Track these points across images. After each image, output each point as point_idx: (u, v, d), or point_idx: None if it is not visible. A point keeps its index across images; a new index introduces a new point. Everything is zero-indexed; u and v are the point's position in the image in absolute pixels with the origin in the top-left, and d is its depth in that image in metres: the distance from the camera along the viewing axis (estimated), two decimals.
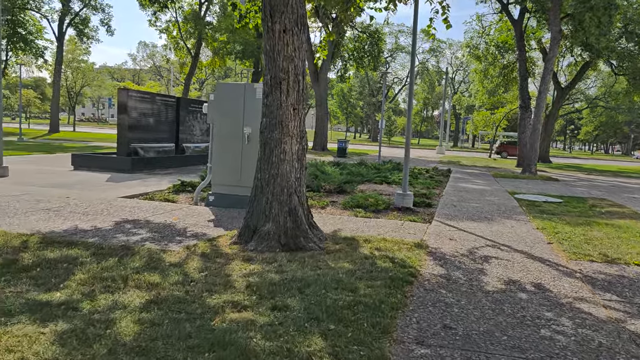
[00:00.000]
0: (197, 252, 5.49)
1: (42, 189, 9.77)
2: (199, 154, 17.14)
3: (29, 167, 13.88)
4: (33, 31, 39.14)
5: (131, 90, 14.32)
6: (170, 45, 43.06)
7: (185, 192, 10.41)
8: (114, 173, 13.09)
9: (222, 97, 8.79)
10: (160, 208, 8.36)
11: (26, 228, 6.27)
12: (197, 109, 17.30)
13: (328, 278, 4.64)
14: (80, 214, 7.45)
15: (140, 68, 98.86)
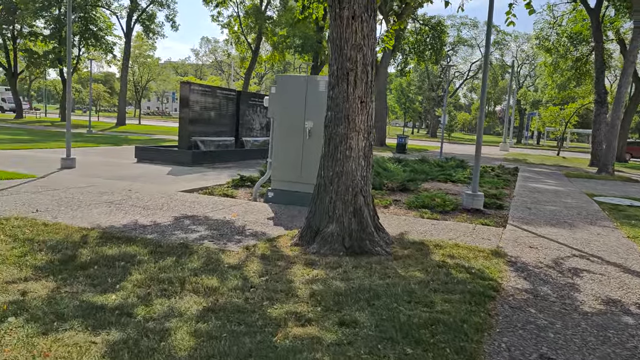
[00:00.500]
0: (256, 253, 5.19)
1: (106, 181, 9.86)
2: (258, 148, 17.04)
3: (96, 158, 14.20)
4: (103, 27, 40.70)
5: (193, 84, 14.35)
6: (232, 40, 43.59)
7: (244, 187, 10.22)
8: (175, 166, 13.15)
9: (284, 90, 8.49)
10: (220, 203, 8.17)
11: (87, 222, 6.20)
12: (257, 102, 17.19)
13: (399, 289, 4.20)
14: (140, 207, 7.36)
15: (203, 63, 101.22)
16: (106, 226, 6.03)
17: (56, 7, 38.22)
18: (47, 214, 6.56)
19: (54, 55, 39.52)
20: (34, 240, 5.16)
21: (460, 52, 78.76)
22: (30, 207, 6.96)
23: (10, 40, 41.22)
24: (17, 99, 44.63)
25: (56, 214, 6.60)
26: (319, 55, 37.15)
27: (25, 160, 12.54)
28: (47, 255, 4.67)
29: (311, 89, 8.26)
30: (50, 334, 3.07)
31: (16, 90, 44.92)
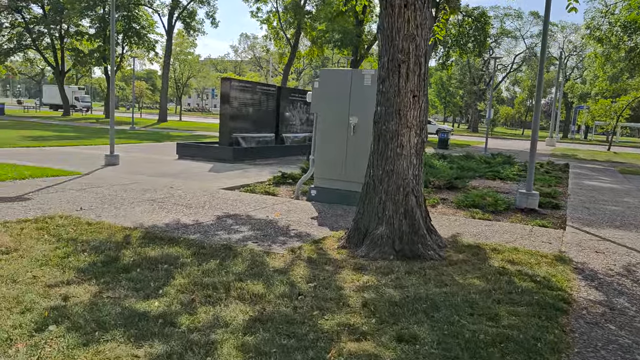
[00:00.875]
0: (302, 256, 4.94)
1: (149, 178, 9.84)
2: (299, 144, 16.85)
3: (138, 155, 14.32)
4: (145, 25, 41.43)
5: (233, 80, 14.26)
6: (271, 35, 43.62)
7: (285, 185, 10.02)
8: (216, 163, 13.09)
9: (327, 84, 8.20)
10: (262, 202, 7.98)
11: (130, 221, 6.10)
12: (297, 98, 16.99)
13: (459, 299, 3.86)
14: (183, 206, 7.24)
15: (241, 59, 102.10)
16: (149, 225, 5.91)
17: (101, 7, 39.12)
18: (91, 212, 6.50)
19: (99, 54, 40.52)
20: (77, 240, 5.07)
21: (503, 44, 76.16)
22: (74, 205, 6.93)
23: (57, 40, 42.51)
24: (64, 97, 46.02)
25: (100, 212, 6.54)
26: (359, 50, 36.71)
27: (70, 157, 12.73)
28: (90, 257, 4.56)
29: (356, 82, 7.95)
30: (92, 345, 2.90)
31: (63, 88, 46.34)
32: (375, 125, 5.36)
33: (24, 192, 7.68)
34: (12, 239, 4.99)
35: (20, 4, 40.42)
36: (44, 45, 43.35)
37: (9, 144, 15.47)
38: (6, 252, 4.59)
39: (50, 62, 44.35)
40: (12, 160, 11.49)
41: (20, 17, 41.68)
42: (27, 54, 48.45)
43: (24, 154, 13.08)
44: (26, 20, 41.72)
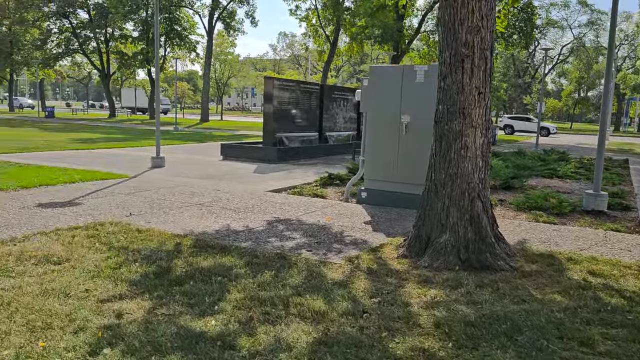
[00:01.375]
0: (361, 266, 4.63)
1: (195, 181, 9.75)
2: (342, 143, 16.55)
3: (183, 156, 14.34)
4: (187, 27, 41.98)
5: (277, 79, 14.08)
6: (310, 33, 43.46)
7: (333, 186, 9.74)
8: (260, 163, 12.94)
9: (377, 82, 7.86)
10: (311, 205, 7.72)
11: (180, 227, 5.95)
12: (340, 96, 16.69)
13: (542, 318, 3.47)
14: (231, 210, 7.06)
15: (280, 58, 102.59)
16: (199, 232, 5.73)
17: (144, 10, 39.87)
18: (140, 217, 6.40)
19: (143, 56, 41.35)
20: (128, 249, 4.93)
21: (549, 35, 73.46)
22: (123, 210, 6.85)
23: (103, 44, 43.64)
24: (110, 99, 47.24)
25: (149, 217, 6.43)
26: (399, 45, 36.03)
27: (118, 160, 12.84)
28: (142, 267, 4.39)
29: (407, 79, 7.58)
30: None
31: (109, 91, 47.58)
32: (436, 125, 4.99)
33: (74, 197, 7.68)
34: (64, 247, 4.89)
35: (68, 10, 41.66)
36: (91, 49, 44.59)
37: (59, 147, 15.80)
38: (58, 262, 4.48)
39: (96, 66, 45.59)
40: (62, 163, 11.66)
41: (68, 22, 42.98)
42: (74, 58, 50.00)
43: (73, 156, 13.29)
44: (73, 25, 43.01)
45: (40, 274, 4.15)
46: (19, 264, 4.38)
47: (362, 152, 8.25)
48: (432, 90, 7.41)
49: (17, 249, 4.79)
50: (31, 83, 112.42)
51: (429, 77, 7.41)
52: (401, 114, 7.62)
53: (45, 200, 7.33)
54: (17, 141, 17.34)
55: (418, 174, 7.57)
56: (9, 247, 4.83)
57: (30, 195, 7.74)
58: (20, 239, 5.15)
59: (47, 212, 6.53)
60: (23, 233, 5.42)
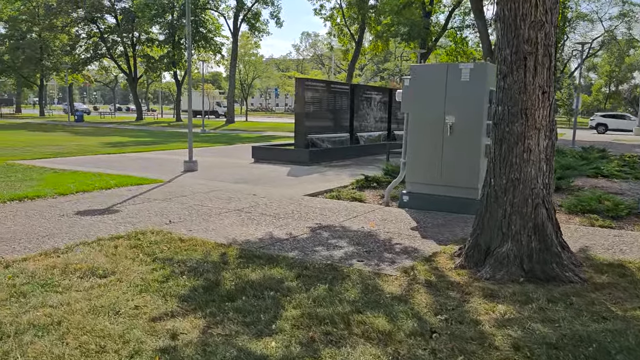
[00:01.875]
0: (418, 278, 4.37)
1: (229, 185, 9.60)
2: (373, 143, 16.25)
3: (214, 159, 14.25)
4: (212, 29, 42.16)
5: (308, 80, 13.88)
6: (334, 32, 43.22)
7: (370, 189, 9.48)
8: (293, 165, 12.74)
9: (419, 81, 7.57)
10: (351, 209, 7.48)
11: (222, 236, 5.77)
12: (371, 95, 16.40)
13: (631, 339, 3.16)
14: (271, 216, 6.86)
15: (303, 58, 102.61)
16: (242, 241, 5.55)
17: (169, 13, 40.19)
18: (181, 225, 6.24)
19: (169, 59, 41.67)
20: (173, 260, 4.77)
21: (578, 28, 71.55)
22: (162, 217, 6.72)
23: (130, 48, 44.15)
24: (137, 102, 47.79)
25: (189, 225, 6.28)
26: (426, 42, 35.49)
27: (150, 164, 12.81)
28: (190, 281, 4.21)
29: (452, 78, 7.27)
30: None
31: (136, 94, 48.14)
32: (495, 128, 4.69)
33: (112, 204, 7.59)
34: (108, 259, 4.75)
35: (96, 15, 42.27)
36: (118, 53, 45.16)
37: (91, 151, 15.90)
38: (104, 275, 4.33)
39: (123, 69, 46.16)
40: (96, 168, 11.66)
41: (96, 27, 43.62)
42: (102, 63, 50.74)
43: (106, 161, 13.32)
44: (101, 30, 43.63)
45: (87, 289, 4.00)
46: (65, 278, 4.24)
47: (403, 154, 7.97)
48: (478, 89, 7.14)
49: (61, 261, 4.66)
50: (60, 88, 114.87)
51: (475, 76, 7.10)
52: (445, 114, 7.32)
53: (83, 208, 7.26)
54: (51, 146, 17.54)
55: (463, 176, 7.29)
56: (53, 259, 4.71)
57: (68, 202, 7.68)
58: (63, 250, 5.03)
59: (86, 220, 6.43)
60: (65, 244, 5.30)
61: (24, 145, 17.73)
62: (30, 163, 12.51)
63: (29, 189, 8.53)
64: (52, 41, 50.29)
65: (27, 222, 6.31)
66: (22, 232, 5.77)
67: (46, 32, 47.66)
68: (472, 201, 7.24)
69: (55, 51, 51.64)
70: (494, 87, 7.31)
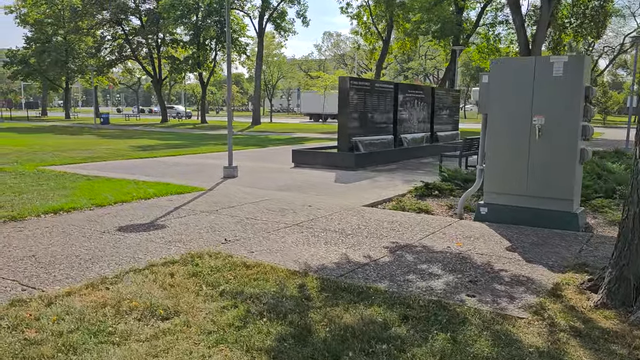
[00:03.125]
0: (558, 323, 3.47)
1: (276, 194, 8.80)
2: (416, 145, 15.31)
3: (251, 164, 13.48)
4: (237, 29, 41.58)
5: (352, 79, 13.01)
6: (361, 31, 42.29)
7: (432, 198, 8.60)
8: (337, 170, 11.88)
9: (500, 77, 6.65)
10: (424, 224, 6.59)
11: (291, 259, 4.94)
12: (414, 95, 15.47)
13: None
14: (337, 232, 6.02)
15: (325, 58, 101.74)
16: (317, 266, 4.71)
17: (194, 14, 39.73)
18: (239, 245, 5.44)
19: (193, 60, 41.21)
20: (244, 294, 3.95)
21: (609, 25, 69.19)
22: (214, 233, 5.94)
23: (154, 49, 43.84)
24: (162, 104, 47.52)
25: (249, 244, 5.47)
26: (459, 39, 34.30)
27: (186, 169, 12.10)
28: (273, 325, 3.39)
29: (541, 73, 6.33)
30: None
31: (161, 96, 47.86)
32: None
33: (155, 217, 6.84)
34: (166, 293, 3.96)
35: (121, 17, 42.07)
36: (143, 55, 44.92)
37: (122, 155, 15.29)
38: (166, 316, 3.54)
39: (148, 71, 45.91)
40: (130, 174, 10.98)
41: (121, 29, 43.43)
42: (126, 65, 50.62)
43: (140, 166, 12.65)
44: (126, 32, 43.41)
45: (149, 338, 3.20)
46: (120, 320, 3.46)
47: (480, 160, 7.05)
48: (573, 86, 6.19)
49: (112, 295, 3.88)
50: (84, 90, 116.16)
51: (570, 70, 6.16)
52: (533, 114, 6.38)
53: (125, 222, 6.52)
54: (80, 150, 17.00)
55: (554, 186, 6.36)
56: (101, 293, 3.94)
57: (107, 215, 6.95)
58: (111, 280, 4.26)
59: (131, 239, 5.67)
60: (113, 271, 4.53)
61: (53, 149, 17.23)
62: (62, 169, 11.90)
63: (63, 199, 7.85)
64: (77, 44, 50.36)
65: (66, 240, 5.57)
66: (62, 254, 5.03)
67: (72, 35, 47.71)
68: (566, 215, 6.31)
69: (81, 54, 51.74)
70: (589, 83, 6.37)
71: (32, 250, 5.17)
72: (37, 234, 5.87)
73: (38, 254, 5.07)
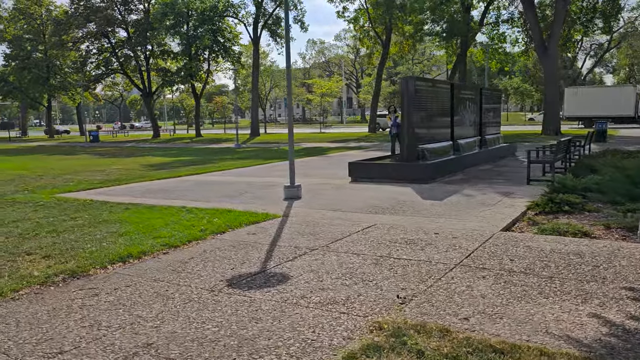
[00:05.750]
0: None
1: (373, 217, 7.19)
2: (470, 151, 13.81)
3: (301, 180, 11.79)
4: (230, 38, 39.88)
5: (418, 79, 11.53)
6: (359, 35, 40.98)
7: (563, 214, 7.10)
8: (409, 185, 10.25)
9: None
10: (611, 255, 5.03)
11: (533, 329, 3.33)
12: (466, 95, 14.02)
13: None
14: (533, 275, 4.43)
15: (309, 66, 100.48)
16: (593, 345, 3.10)
17: (186, 23, 37.93)
18: (426, 305, 3.82)
19: (186, 72, 39.32)
20: None
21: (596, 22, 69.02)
22: (364, 283, 4.30)
23: (143, 61, 41.82)
24: (153, 119, 45.42)
25: (437, 303, 3.86)
26: (468, 39, 33.17)
27: (232, 191, 10.38)
28: None
29: None
30: None
31: (151, 110, 45.76)
32: None
33: (257, 259, 5.21)
34: None
35: (108, 29, 40.02)
36: (131, 68, 42.84)
37: (143, 177, 13.48)
38: None
39: (137, 85, 43.81)
40: (171, 200, 9.28)
41: (107, 42, 41.33)
42: (113, 79, 48.40)
43: (171, 189, 10.88)
44: (112, 44, 41.32)
45: None
46: None
47: None
48: None
49: None
50: (61, 108, 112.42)
51: None
52: None
53: (225, 272, 4.86)
54: (90, 172, 15.12)
55: None
56: None
57: (193, 261, 5.27)
58: None
59: (261, 301, 4.01)
60: None
61: (59, 172, 15.30)
62: (83, 196, 10.12)
63: (120, 240, 6.12)
64: (60, 59, 48.03)
65: (172, 309, 3.89)
66: (190, 339, 3.34)
67: (54, 50, 45.39)
68: None
69: (63, 69, 49.36)
70: None
71: (139, 333, 3.47)
72: (122, 299, 4.16)
73: (153, 338, 3.36)
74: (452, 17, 32.05)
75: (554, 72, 27.79)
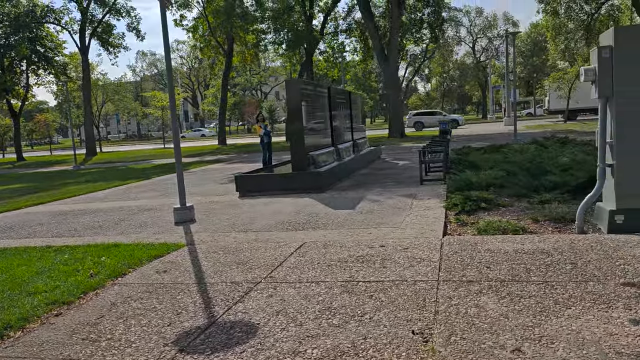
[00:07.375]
0: None
1: (295, 235, 6.34)
2: (348, 156, 13.66)
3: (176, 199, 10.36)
4: (52, 47, 35.32)
5: (303, 83, 10.86)
6: (200, 45, 39.27)
7: (483, 211, 7.04)
8: (305, 196, 9.54)
9: (631, 50, 5.34)
10: (576, 250, 4.92)
11: None
12: (341, 100, 13.86)
13: None
14: (521, 298, 4.01)
15: (141, 78, 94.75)
16: None
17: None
18: (457, 349, 3.11)
19: None
20: None
21: None
22: (342, 317, 3.47)
23: None
24: None
25: (454, 339, 3.20)
26: (313, 48, 33.72)
27: (103, 220, 8.64)
28: None
29: None
30: None
31: None
32: None
33: (187, 307, 4.00)
34: None
35: None
36: None
37: None
38: None
39: None
40: (30, 239, 7.33)
41: None
42: None
43: (25, 225, 8.73)
44: None
45: None
46: None
47: (601, 155, 5.63)
48: None
49: None
50: None
51: None
52: None
53: (167, 330, 3.65)
54: None
55: None
56: None
57: (109, 321, 3.92)
58: None
59: None
60: None
61: None
62: None
63: None
64: None
65: None
66: None
67: None
68: None
69: None
70: None
71: None
72: None
73: None
74: (293, 26, 32.32)
75: (395, 79, 29.55)
